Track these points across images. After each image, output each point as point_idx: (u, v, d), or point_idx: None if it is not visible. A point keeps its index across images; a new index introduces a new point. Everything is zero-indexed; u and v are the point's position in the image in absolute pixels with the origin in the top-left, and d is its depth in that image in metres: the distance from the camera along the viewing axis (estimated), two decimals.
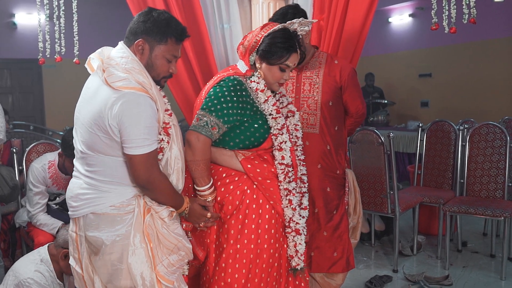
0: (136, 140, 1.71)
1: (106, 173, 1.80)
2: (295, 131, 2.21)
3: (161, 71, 1.86)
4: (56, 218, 3.05)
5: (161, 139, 1.83)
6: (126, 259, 1.78)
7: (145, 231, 1.80)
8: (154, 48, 1.83)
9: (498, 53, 7.00)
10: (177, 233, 1.88)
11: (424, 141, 4.33)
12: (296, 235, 2.07)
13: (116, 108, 1.69)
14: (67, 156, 2.93)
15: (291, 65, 2.03)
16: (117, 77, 1.72)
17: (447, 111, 7.60)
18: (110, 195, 1.79)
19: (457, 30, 2.24)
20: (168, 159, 1.86)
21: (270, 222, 2.03)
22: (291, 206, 2.05)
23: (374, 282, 3.36)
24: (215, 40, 3.23)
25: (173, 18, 1.87)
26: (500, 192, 3.70)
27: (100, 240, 1.78)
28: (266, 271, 2.02)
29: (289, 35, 2.02)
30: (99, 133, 1.74)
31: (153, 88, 1.78)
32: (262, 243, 2.00)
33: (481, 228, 4.49)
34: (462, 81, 7.54)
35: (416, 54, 8.27)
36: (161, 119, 1.82)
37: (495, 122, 3.86)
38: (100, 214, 1.79)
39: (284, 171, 2.04)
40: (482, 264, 3.75)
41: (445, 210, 3.58)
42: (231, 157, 2.04)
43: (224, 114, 1.94)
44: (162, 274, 1.83)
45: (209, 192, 1.99)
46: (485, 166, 3.78)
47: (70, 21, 3.20)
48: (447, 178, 4.18)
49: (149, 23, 1.81)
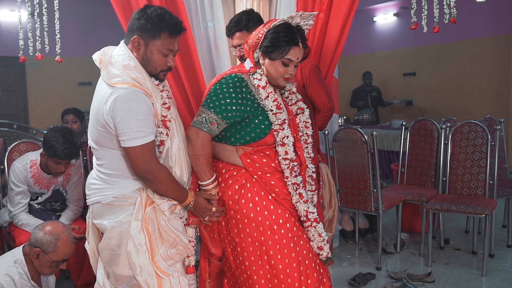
0: (129, 133, 1.81)
1: (110, 167, 1.93)
2: (305, 129, 2.22)
3: (157, 65, 1.93)
4: (38, 218, 3.01)
5: (160, 132, 1.93)
6: (125, 246, 1.90)
7: (144, 223, 1.90)
8: (149, 43, 1.90)
9: (481, 52, 7.09)
10: (176, 228, 1.97)
11: (407, 140, 4.37)
12: (317, 225, 2.08)
13: (110, 103, 1.81)
14: (49, 156, 2.90)
15: (293, 59, 2.01)
16: (113, 75, 1.85)
17: (431, 110, 7.68)
18: (114, 187, 1.93)
19: (440, 30, 2.28)
20: (169, 151, 1.95)
21: (276, 212, 2.02)
22: (302, 199, 2.05)
23: (358, 280, 3.38)
24: (199, 38, 3.23)
25: (167, 12, 1.93)
26: (481, 190, 3.75)
27: (104, 226, 1.95)
28: (283, 262, 1.98)
29: (289, 29, 2.00)
30: (100, 128, 1.88)
31: (148, 82, 1.88)
32: (272, 234, 1.99)
33: (463, 225, 4.55)
34: (446, 80, 7.62)
35: (401, 53, 8.34)
36: (158, 113, 1.91)
37: (477, 121, 3.91)
38: (105, 204, 1.94)
39: (289, 166, 2.05)
40: (464, 261, 3.80)
41: (428, 208, 3.62)
42: (231, 152, 2.07)
43: (223, 110, 1.97)
44: (159, 266, 1.93)
45: (213, 186, 2.04)
46: (467, 164, 3.83)
47: (52, 18, 3.17)
48: (430, 176, 4.23)
49: (143, 20, 1.88)
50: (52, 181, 3.09)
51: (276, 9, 3.25)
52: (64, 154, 2.87)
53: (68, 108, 4.21)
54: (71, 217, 3.15)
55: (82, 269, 3.15)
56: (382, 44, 8.69)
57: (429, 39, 6.97)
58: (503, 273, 3.52)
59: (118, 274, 1.95)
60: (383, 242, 3.90)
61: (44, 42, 3.16)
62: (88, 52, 8.44)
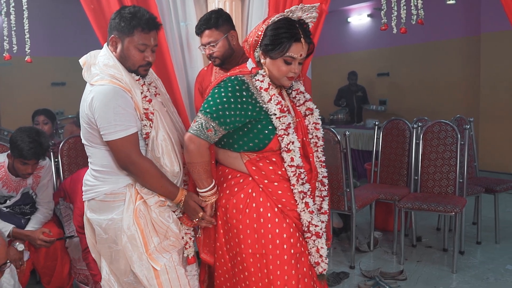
0: (108, 126, 1.89)
1: (99, 163, 2.02)
2: (315, 131, 2.08)
3: (135, 60, 1.99)
4: (7, 222, 2.94)
5: (144, 125, 1.99)
6: (120, 241, 1.98)
7: (135, 218, 1.97)
8: (124, 40, 1.98)
9: (452, 53, 7.23)
10: (166, 219, 2.03)
11: (380, 139, 4.42)
12: (316, 239, 1.97)
13: (89, 101, 1.92)
14: (15, 157, 2.84)
15: (295, 56, 1.87)
16: (93, 74, 1.97)
17: (404, 110, 7.79)
18: (104, 184, 2.01)
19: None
20: (154, 142, 2.00)
21: (281, 226, 1.92)
22: (308, 209, 1.94)
23: (331, 279, 3.41)
24: (171, 38, 3.21)
25: (141, 10, 1.99)
26: (451, 188, 3.82)
27: (99, 222, 2.03)
28: (282, 278, 1.89)
29: (289, 24, 1.86)
30: (85, 125, 1.99)
31: (126, 77, 1.95)
32: (274, 249, 1.90)
33: (435, 223, 4.63)
34: (418, 80, 7.74)
35: (375, 53, 8.44)
36: (140, 106, 1.97)
37: (447, 121, 3.98)
38: (99, 201, 2.02)
39: (295, 173, 1.93)
40: (435, 258, 3.86)
41: (400, 206, 3.67)
42: (236, 159, 1.99)
43: (220, 116, 1.86)
44: (154, 257, 1.99)
45: (211, 194, 1.98)
46: (437, 163, 3.90)
47: (21, 18, 3.10)
48: (402, 175, 4.29)
49: (117, 19, 1.97)
50: (21, 184, 3.03)
51: (249, 9, 3.25)
52: (30, 154, 2.81)
53: (39, 109, 4.14)
54: (41, 220, 3.09)
55: (53, 273, 3.10)
56: (356, 44, 8.78)
57: (403, 39, 7.05)
58: (473, 270, 3.59)
59: (121, 269, 2.05)
60: (356, 241, 3.94)
61: (12, 42, 3.09)
62: (62, 52, 8.35)
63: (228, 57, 2.58)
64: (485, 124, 6.60)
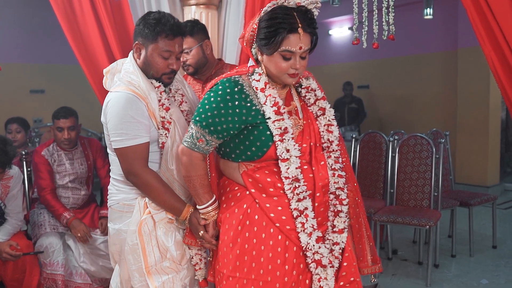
0: (115, 134, 1.88)
1: (115, 171, 2.02)
2: (328, 133, 1.80)
3: (158, 68, 1.94)
4: None
5: (160, 134, 1.93)
6: (124, 253, 1.95)
7: (139, 231, 1.90)
8: (148, 47, 1.94)
9: (430, 67, 7.32)
10: (167, 240, 1.92)
11: (357, 152, 4.44)
12: (317, 267, 1.70)
13: (104, 107, 1.94)
14: None
15: (294, 49, 1.63)
16: (113, 82, 1.97)
17: (383, 122, 7.86)
18: (119, 193, 2.00)
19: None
20: (169, 153, 1.93)
21: (275, 250, 1.68)
22: (304, 230, 1.69)
23: None
24: None
25: (165, 15, 1.93)
26: (426, 202, 3.85)
27: (110, 231, 2.05)
28: None
29: (284, 12, 1.62)
30: (106, 132, 1.97)
31: (143, 84, 1.91)
32: (265, 275, 1.68)
33: (411, 235, 4.65)
34: (397, 93, 7.82)
35: (355, 66, 8.51)
36: (156, 114, 1.91)
37: (423, 134, 4.02)
38: (113, 209, 2.03)
39: (291, 187, 1.69)
40: (410, 271, 3.87)
41: (375, 219, 3.68)
42: (234, 170, 1.79)
43: (210, 124, 1.68)
44: (152, 277, 1.91)
45: (210, 211, 1.81)
46: (413, 177, 3.92)
47: None
48: (378, 188, 4.30)
49: (141, 25, 1.94)
50: None
51: (225, 19, 3.25)
52: None
53: (12, 117, 4.06)
54: (9, 231, 3.01)
55: (21, 285, 3.02)
56: (337, 57, 8.85)
57: (383, 53, 7.12)
58: (447, 283, 3.61)
59: (125, 280, 2.01)
60: None
61: None
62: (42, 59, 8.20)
63: (201, 66, 2.58)
64: (462, 138, 6.69)
